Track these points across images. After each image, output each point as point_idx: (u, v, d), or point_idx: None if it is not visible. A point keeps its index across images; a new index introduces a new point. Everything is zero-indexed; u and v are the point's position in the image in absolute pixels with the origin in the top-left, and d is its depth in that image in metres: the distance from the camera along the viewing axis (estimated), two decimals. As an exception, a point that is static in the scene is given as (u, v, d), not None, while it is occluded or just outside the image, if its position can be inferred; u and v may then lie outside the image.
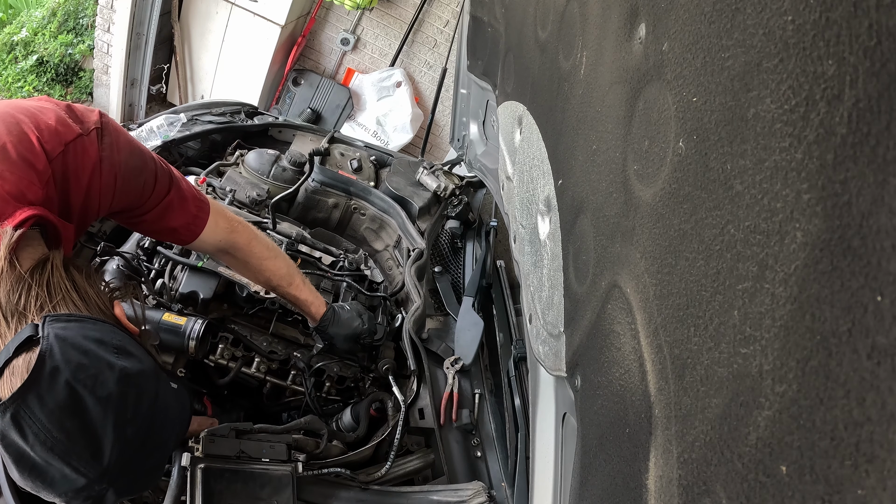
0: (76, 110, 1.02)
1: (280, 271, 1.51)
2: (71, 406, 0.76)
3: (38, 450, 0.75)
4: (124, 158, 1.04)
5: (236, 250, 1.40)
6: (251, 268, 1.47)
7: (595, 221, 0.92)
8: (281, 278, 1.52)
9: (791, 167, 0.46)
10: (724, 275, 0.55)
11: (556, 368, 1.12)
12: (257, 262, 1.45)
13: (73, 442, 0.77)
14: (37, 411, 0.75)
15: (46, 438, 0.75)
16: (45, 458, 0.76)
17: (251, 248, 1.43)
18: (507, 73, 1.70)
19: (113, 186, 1.03)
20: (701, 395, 0.57)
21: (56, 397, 0.76)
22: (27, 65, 4.82)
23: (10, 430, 0.75)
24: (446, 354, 1.79)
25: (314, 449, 1.55)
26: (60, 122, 0.97)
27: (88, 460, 0.78)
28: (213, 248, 1.37)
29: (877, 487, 0.37)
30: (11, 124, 0.92)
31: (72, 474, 0.77)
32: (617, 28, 0.85)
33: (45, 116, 0.96)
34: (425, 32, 4.59)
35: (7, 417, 0.75)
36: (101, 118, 1.03)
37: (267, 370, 1.72)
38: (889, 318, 0.37)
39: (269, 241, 1.51)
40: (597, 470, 0.84)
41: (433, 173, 2.41)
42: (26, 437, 0.75)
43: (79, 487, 0.78)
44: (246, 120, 2.55)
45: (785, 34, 0.48)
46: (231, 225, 1.37)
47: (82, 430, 0.77)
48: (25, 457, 0.76)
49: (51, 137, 0.94)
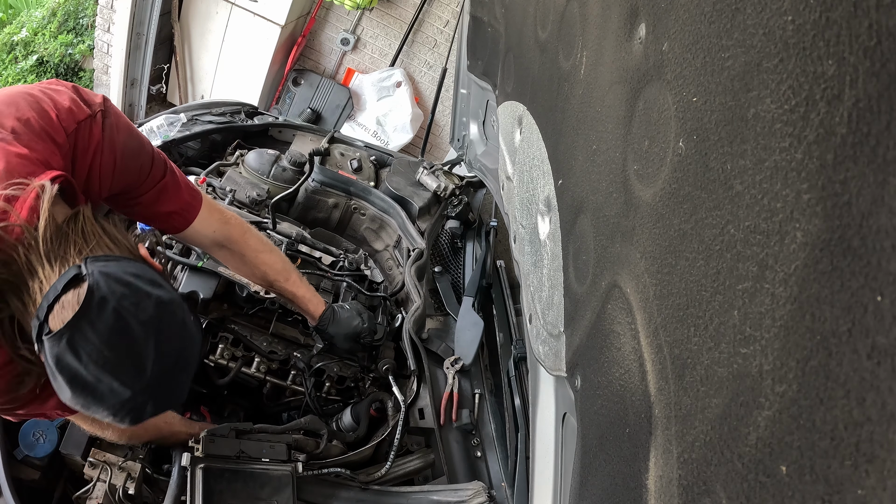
0: (82, 93, 1.10)
1: (276, 266, 1.54)
2: (118, 329, 0.88)
3: (91, 368, 0.87)
4: (123, 140, 1.12)
5: (231, 243, 1.43)
6: (247, 261, 1.49)
7: (595, 221, 0.92)
8: (277, 273, 1.55)
9: (791, 167, 0.46)
10: (724, 275, 0.55)
11: (556, 368, 1.12)
12: (253, 256, 1.48)
13: (120, 359, 0.88)
14: (89, 335, 0.86)
15: (98, 357, 0.86)
16: (97, 376, 0.87)
17: (246, 241, 1.46)
18: (507, 73, 1.69)
19: (112, 166, 1.10)
20: (701, 395, 0.57)
21: (105, 322, 0.87)
22: (27, 65, 4.83)
23: (66, 353, 0.86)
24: (446, 354, 1.79)
25: (314, 449, 1.55)
26: (73, 102, 1.06)
27: (134, 374, 0.89)
28: (208, 240, 1.40)
29: (877, 487, 0.37)
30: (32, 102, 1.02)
31: (119, 388, 0.88)
32: (617, 28, 0.85)
33: (60, 97, 1.05)
34: (425, 32, 4.59)
35: (63, 342, 0.86)
36: (105, 102, 1.11)
37: (267, 370, 1.72)
38: (889, 318, 0.37)
39: (264, 237, 1.56)
40: (597, 470, 0.84)
41: (433, 173, 2.41)
42: (80, 358, 0.86)
43: (124, 399, 0.89)
44: (246, 120, 2.55)
45: (785, 34, 0.48)
46: (224, 217, 1.41)
47: (129, 349, 0.89)
48: (79, 377, 0.87)
49: (66, 116, 1.04)
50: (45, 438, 1.31)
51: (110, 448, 1.34)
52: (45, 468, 1.32)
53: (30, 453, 1.30)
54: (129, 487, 1.30)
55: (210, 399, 1.79)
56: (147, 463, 1.37)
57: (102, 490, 1.28)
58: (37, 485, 1.32)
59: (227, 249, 1.45)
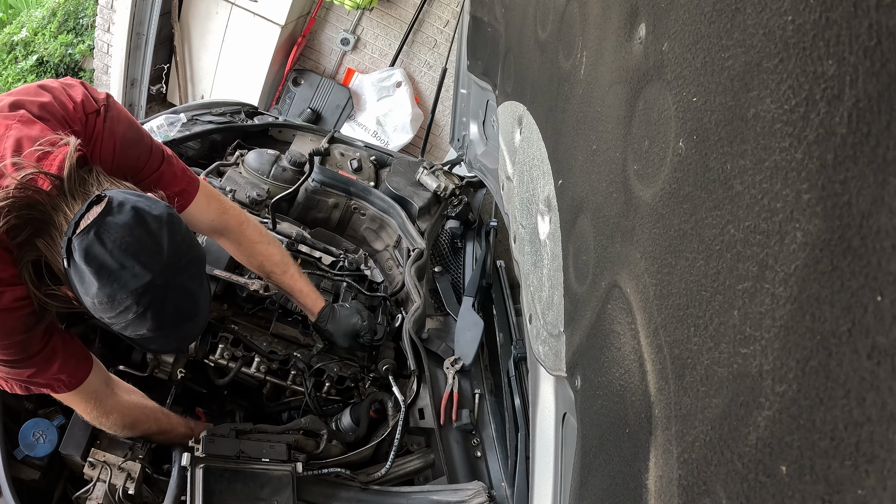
0: (90, 89, 1.24)
1: (274, 258, 1.60)
2: (136, 220, 1.03)
3: (116, 253, 1.00)
4: (123, 131, 1.25)
5: (228, 232, 1.53)
6: (244, 250, 1.57)
7: (595, 221, 0.92)
8: (275, 265, 1.60)
9: (791, 167, 0.46)
10: (724, 275, 0.55)
11: (556, 368, 1.12)
12: (249, 245, 1.56)
13: (141, 242, 1.02)
14: (112, 226, 1.01)
15: (122, 242, 1.00)
16: (121, 261, 1.00)
17: (243, 231, 1.55)
18: (507, 73, 1.69)
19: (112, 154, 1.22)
20: (701, 395, 0.57)
21: (125, 216, 1.02)
22: (27, 65, 4.83)
23: (94, 244, 1.00)
24: (446, 354, 1.79)
25: (314, 449, 1.55)
26: (84, 96, 1.21)
27: (152, 255, 1.03)
28: (205, 226, 1.50)
29: (877, 487, 0.37)
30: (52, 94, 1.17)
31: (141, 271, 1.01)
32: (617, 28, 0.85)
33: (74, 91, 1.21)
34: (425, 32, 4.59)
35: (91, 234, 1.00)
36: (108, 98, 1.25)
37: (267, 370, 1.72)
38: (889, 318, 0.37)
39: (263, 228, 1.64)
40: (597, 470, 0.84)
41: (433, 173, 2.41)
42: (105, 245, 1.00)
43: (146, 283, 1.02)
44: (246, 120, 2.54)
45: (785, 34, 0.48)
46: (223, 207, 1.51)
47: (147, 234, 1.03)
48: (105, 265, 1.00)
49: (80, 108, 1.19)
50: (45, 438, 1.31)
51: (110, 448, 1.34)
52: (45, 468, 1.32)
53: (30, 453, 1.30)
54: (129, 487, 1.30)
55: (210, 399, 1.80)
56: (147, 463, 1.37)
57: (102, 490, 1.28)
58: (37, 485, 1.32)
59: (224, 238, 1.55)
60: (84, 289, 1.02)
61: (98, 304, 1.02)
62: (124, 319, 1.04)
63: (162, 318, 1.07)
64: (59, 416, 1.36)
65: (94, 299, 1.02)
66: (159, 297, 1.05)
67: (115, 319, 1.05)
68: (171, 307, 1.08)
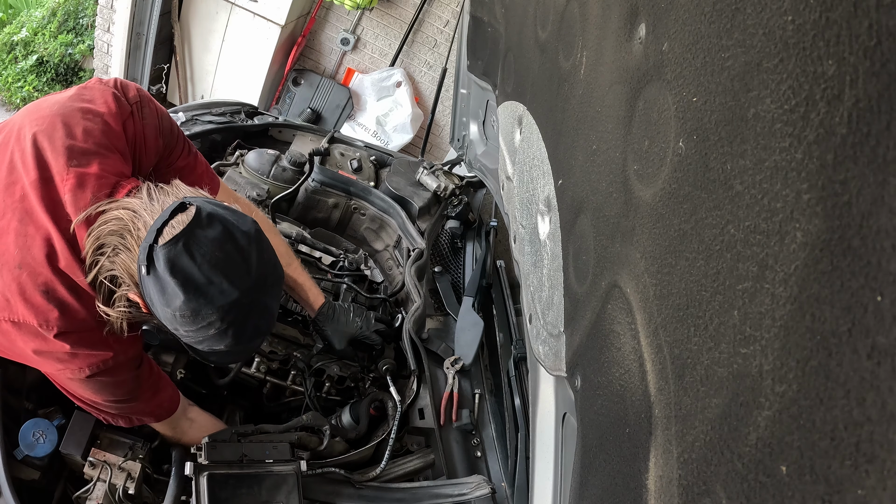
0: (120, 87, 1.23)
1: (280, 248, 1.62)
2: (226, 236, 1.02)
3: (205, 268, 0.98)
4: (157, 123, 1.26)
5: None
6: None
7: (595, 221, 0.92)
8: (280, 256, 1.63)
9: (791, 167, 0.46)
10: (724, 275, 0.55)
11: (556, 368, 1.12)
12: None
13: (230, 259, 1.01)
14: (202, 239, 0.99)
15: (212, 257, 0.99)
16: (209, 276, 0.99)
17: None
18: (507, 73, 1.69)
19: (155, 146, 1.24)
20: (701, 395, 0.57)
21: (215, 230, 1.01)
22: (27, 65, 4.82)
23: (181, 255, 0.97)
24: (446, 354, 1.79)
25: (317, 446, 1.55)
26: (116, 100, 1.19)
27: (242, 274, 1.02)
28: None
29: (877, 487, 0.37)
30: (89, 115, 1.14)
31: (228, 288, 1.00)
32: (617, 28, 0.85)
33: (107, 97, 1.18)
34: (425, 32, 4.59)
35: (179, 245, 0.97)
36: (139, 92, 1.25)
37: (267, 370, 1.72)
38: (889, 318, 0.37)
39: (268, 220, 1.69)
40: (597, 470, 0.84)
41: (433, 173, 2.41)
42: (195, 259, 0.98)
43: (233, 300, 1.00)
44: (246, 120, 2.54)
45: (785, 34, 0.48)
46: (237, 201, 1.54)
47: (236, 250, 1.02)
48: (192, 278, 0.98)
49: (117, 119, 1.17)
50: (45, 438, 1.31)
51: (110, 448, 1.34)
52: (45, 468, 1.32)
53: (30, 453, 1.29)
54: (129, 487, 1.30)
55: (210, 399, 1.79)
56: (147, 463, 1.37)
57: (102, 490, 1.28)
58: (37, 485, 1.32)
59: None
60: (165, 300, 1.00)
61: (180, 316, 1.00)
62: (204, 334, 1.03)
63: (241, 336, 1.07)
64: (59, 416, 1.36)
65: (177, 311, 1.00)
66: (242, 314, 1.04)
67: (195, 334, 1.04)
68: (252, 325, 1.08)
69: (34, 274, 1.06)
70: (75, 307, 1.07)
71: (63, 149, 1.09)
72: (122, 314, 1.08)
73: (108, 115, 1.16)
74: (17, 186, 1.09)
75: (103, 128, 1.14)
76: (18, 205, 1.08)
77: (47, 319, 1.06)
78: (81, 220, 1.05)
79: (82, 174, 1.08)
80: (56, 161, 1.08)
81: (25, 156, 1.10)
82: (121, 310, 1.08)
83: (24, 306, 1.06)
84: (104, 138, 1.13)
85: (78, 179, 1.07)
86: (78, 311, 1.08)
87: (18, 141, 1.12)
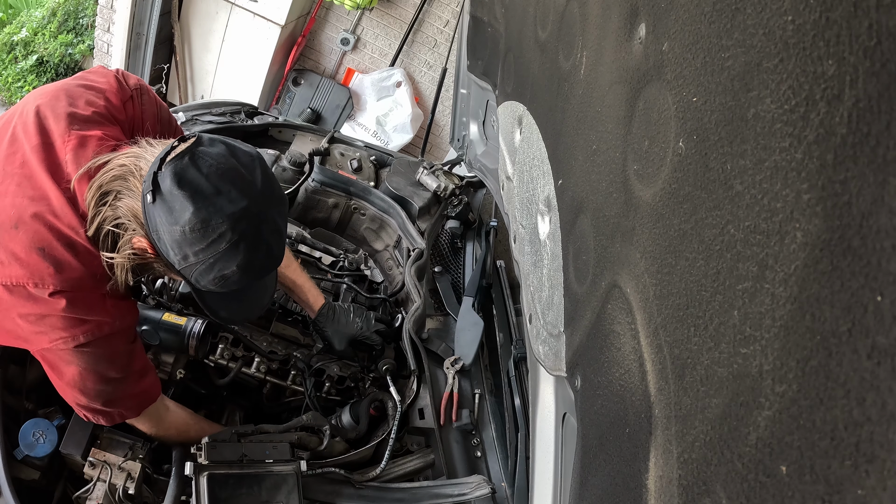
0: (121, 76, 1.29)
1: None
2: (230, 151, 1.04)
3: (213, 177, 0.99)
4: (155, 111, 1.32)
5: None
6: None
7: (595, 221, 0.92)
8: None
9: (791, 167, 0.46)
10: (724, 275, 0.55)
11: (556, 368, 1.12)
12: None
13: (235, 170, 1.02)
14: (207, 152, 1.02)
15: (219, 167, 1.00)
16: (217, 185, 0.99)
17: None
18: (507, 73, 1.69)
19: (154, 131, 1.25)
20: (701, 395, 0.57)
21: (219, 147, 1.04)
22: (27, 65, 4.82)
23: (189, 167, 0.99)
24: (446, 354, 1.79)
25: (317, 446, 1.55)
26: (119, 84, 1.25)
27: (248, 182, 1.02)
28: None
29: (877, 487, 0.37)
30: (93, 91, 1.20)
31: (237, 196, 1.00)
32: (617, 28, 0.85)
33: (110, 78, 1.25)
34: (425, 32, 4.58)
35: (185, 159, 0.99)
36: (139, 82, 1.31)
37: (267, 370, 1.72)
38: (889, 318, 0.37)
39: None
40: (597, 470, 0.84)
41: (433, 173, 2.41)
42: (201, 170, 0.99)
43: (243, 207, 1.00)
44: (246, 120, 2.54)
45: (785, 34, 0.48)
46: None
47: (241, 164, 1.04)
48: (200, 189, 0.98)
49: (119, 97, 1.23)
50: (45, 438, 1.31)
51: (110, 448, 1.34)
52: (45, 468, 1.32)
53: (30, 453, 1.29)
54: (129, 487, 1.30)
55: (210, 399, 1.79)
56: (147, 463, 1.37)
57: (102, 490, 1.28)
58: (37, 485, 1.32)
59: None
60: (174, 218, 0.98)
61: (189, 231, 0.98)
62: (215, 251, 1.01)
63: (253, 255, 1.04)
64: (59, 416, 1.36)
65: (186, 226, 0.98)
66: (253, 226, 1.03)
67: (206, 252, 1.01)
68: (264, 243, 1.06)
69: (30, 232, 1.04)
70: (73, 265, 1.05)
71: (65, 115, 1.11)
72: (126, 258, 1.07)
73: (109, 91, 1.21)
74: (17, 155, 1.10)
75: (105, 102, 1.18)
76: (18, 171, 1.08)
77: (42, 277, 1.04)
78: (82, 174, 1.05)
79: (84, 136, 1.10)
80: (57, 126, 1.10)
81: (27, 126, 1.11)
82: (126, 253, 1.07)
83: (19, 266, 1.04)
84: (106, 111, 1.17)
85: (80, 140, 1.09)
86: (75, 268, 1.06)
87: (21, 115, 1.14)
